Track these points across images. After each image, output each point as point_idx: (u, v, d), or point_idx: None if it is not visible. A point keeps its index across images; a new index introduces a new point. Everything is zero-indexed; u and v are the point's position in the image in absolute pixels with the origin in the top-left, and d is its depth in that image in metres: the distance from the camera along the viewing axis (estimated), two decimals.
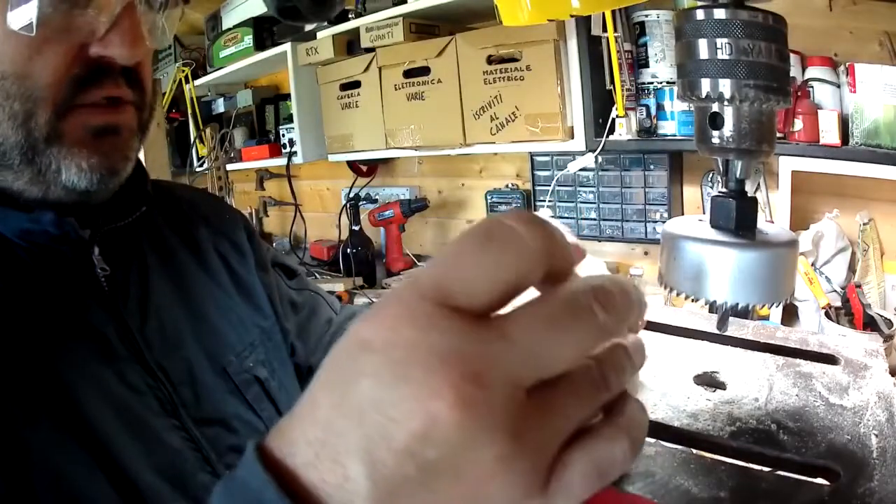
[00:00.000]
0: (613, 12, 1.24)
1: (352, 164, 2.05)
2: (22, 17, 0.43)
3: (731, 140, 0.45)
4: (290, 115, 1.93)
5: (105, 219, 0.52)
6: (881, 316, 1.06)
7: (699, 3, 0.44)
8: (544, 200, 1.65)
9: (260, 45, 1.87)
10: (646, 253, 1.61)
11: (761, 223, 0.48)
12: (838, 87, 1.14)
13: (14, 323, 0.45)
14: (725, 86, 0.43)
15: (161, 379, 0.50)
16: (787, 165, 1.21)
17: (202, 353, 0.55)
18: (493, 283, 0.22)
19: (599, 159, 1.44)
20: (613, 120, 1.29)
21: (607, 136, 1.30)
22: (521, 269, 0.22)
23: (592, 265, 0.49)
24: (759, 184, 1.25)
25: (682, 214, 1.49)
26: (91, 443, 0.44)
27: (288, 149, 1.93)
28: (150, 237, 0.58)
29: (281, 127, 2.02)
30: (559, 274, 0.24)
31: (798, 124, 1.12)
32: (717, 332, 0.52)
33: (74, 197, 0.48)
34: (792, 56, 1.03)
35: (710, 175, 1.42)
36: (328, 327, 0.75)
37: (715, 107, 0.44)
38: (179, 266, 0.59)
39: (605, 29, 1.25)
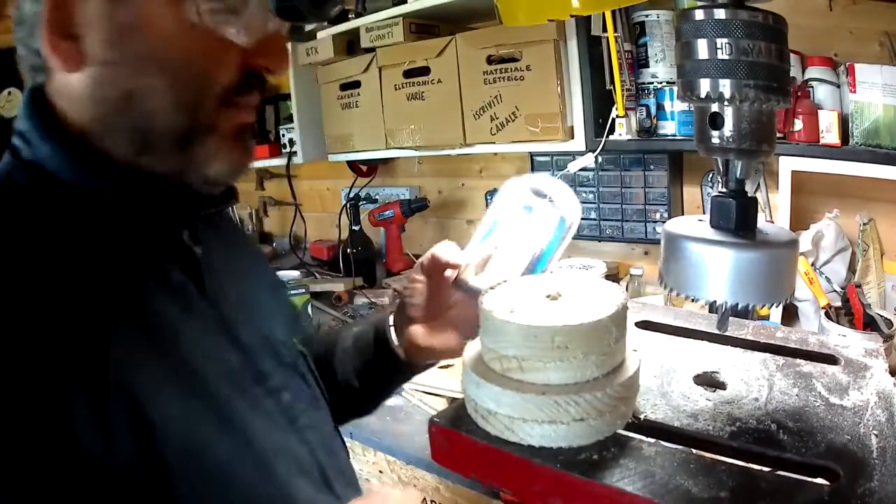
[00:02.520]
0: (613, 12, 1.24)
1: (352, 164, 2.05)
2: (201, 10, 0.46)
3: (731, 140, 0.45)
4: (290, 115, 1.93)
5: (205, 204, 0.56)
6: (881, 316, 1.06)
7: (699, 3, 0.44)
8: None
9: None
10: (646, 253, 1.61)
11: (761, 223, 0.48)
12: (838, 87, 1.14)
13: (128, 294, 0.48)
14: (725, 86, 0.43)
15: (248, 352, 0.55)
16: (787, 165, 1.21)
17: (268, 328, 0.60)
18: None
19: (599, 159, 1.44)
20: (613, 120, 1.29)
21: (607, 136, 1.30)
22: None
23: (591, 267, 0.50)
24: (759, 184, 1.25)
25: (682, 214, 1.49)
26: (214, 406, 0.48)
27: (288, 149, 1.93)
28: (222, 223, 0.64)
29: (281, 127, 2.02)
30: None
31: (798, 124, 1.12)
32: (717, 332, 0.52)
33: (208, 186, 0.52)
34: (792, 56, 1.03)
35: (710, 175, 1.42)
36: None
37: (715, 107, 0.44)
38: (242, 250, 0.65)
39: (605, 29, 1.25)
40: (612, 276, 1.52)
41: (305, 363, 0.65)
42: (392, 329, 0.72)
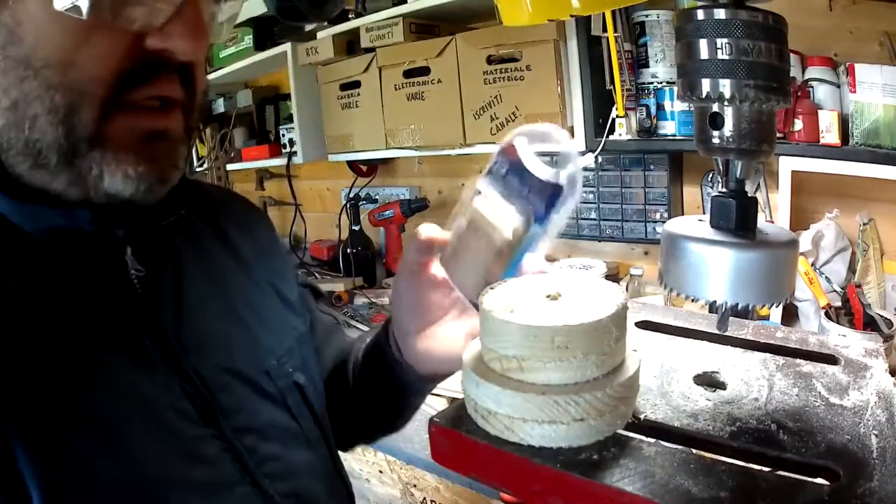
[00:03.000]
0: (613, 12, 1.24)
1: (352, 164, 2.05)
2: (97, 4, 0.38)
3: (731, 140, 0.45)
4: (290, 115, 1.93)
5: (141, 218, 0.48)
6: (881, 316, 1.06)
7: (699, 3, 0.44)
8: None
9: (260, 45, 1.87)
10: (646, 253, 1.61)
11: (761, 223, 0.48)
12: (838, 87, 1.14)
13: (40, 326, 0.42)
14: (725, 86, 0.43)
15: (198, 385, 0.47)
16: (787, 165, 1.21)
17: (241, 358, 0.52)
18: None
19: (599, 159, 1.44)
20: (613, 120, 1.29)
21: (607, 136, 1.30)
22: None
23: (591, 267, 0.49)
24: (759, 184, 1.25)
25: (682, 214, 1.49)
26: (121, 455, 0.42)
27: (288, 149, 1.93)
28: (185, 237, 0.55)
29: (281, 127, 2.02)
30: None
31: (798, 124, 1.12)
32: (717, 332, 0.52)
33: (116, 201, 0.44)
34: (792, 56, 1.03)
35: (710, 175, 1.42)
36: (338, 357, 0.71)
37: (715, 107, 0.44)
38: (216, 267, 0.56)
39: (605, 29, 1.25)
40: (612, 276, 1.52)
41: (300, 395, 0.57)
42: (392, 338, 0.61)
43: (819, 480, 0.38)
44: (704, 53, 0.43)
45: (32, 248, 0.44)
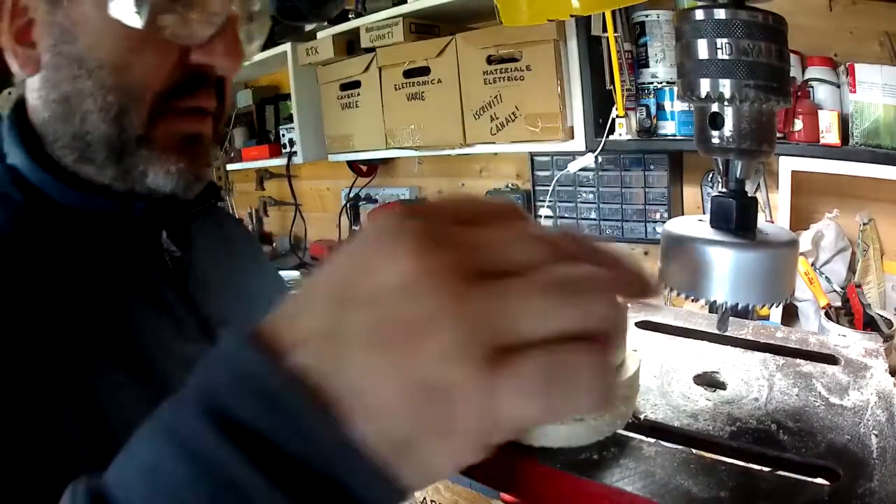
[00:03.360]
0: (613, 12, 1.24)
1: (352, 164, 2.05)
2: (128, 8, 0.43)
3: (731, 140, 0.45)
4: (290, 115, 1.93)
5: (175, 206, 0.53)
6: (881, 316, 1.06)
7: (699, 3, 0.44)
8: (544, 200, 1.65)
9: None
10: (646, 253, 1.61)
11: (761, 223, 0.48)
12: (838, 87, 1.14)
13: (90, 292, 0.46)
14: (725, 86, 0.43)
15: None
16: (787, 165, 1.21)
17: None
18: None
19: (599, 159, 1.44)
20: (613, 120, 1.29)
21: (607, 136, 1.30)
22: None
23: None
24: (759, 184, 1.25)
25: (682, 214, 1.49)
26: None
27: (288, 149, 1.93)
28: (213, 225, 0.61)
29: (281, 127, 2.02)
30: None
31: (798, 124, 1.12)
32: (717, 332, 0.52)
33: (157, 195, 0.49)
34: (792, 56, 1.03)
35: (710, 175, 1.42)
36: None
37: (715, 107, 0.44)
38: (242, 257, 0.62)
39: (605, 29, 1.25)
40: None
41: None
42: None
43: (819, 480, 0.38)
44: (704, 53, 0.43)
45: (80, 229, 0.48)
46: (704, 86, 0.44)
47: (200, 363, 0.22)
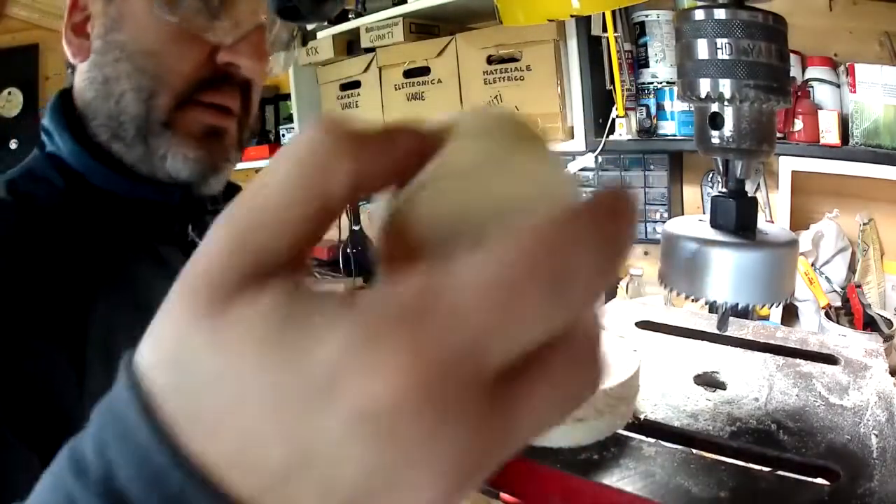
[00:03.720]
0: (613, 12, 1.24)
1: None
2: (168, 6, 0.49)
3: (731, 140, 0.45)
4: (290, 115, 1.93)
5: (199, 201, 0.57)
6: (881, 316, 1.06)
7: (699, 3, 0.44)
8: None
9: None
10: (646, 253, 1.61)
11: (761, 223, 0.48)
12: (838, 87, 1.14)
13: (126, 276, 0.49)
14: (725, 86, 0.43)
15: None
16: (787, 165, 1.21)
17: None
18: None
19: (599, 159, 1.44)
20: (613, 120, 1.29)
21: (607, 136, 1.30)
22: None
23: None
24: (759, 184, 1.25)
25: (682, 214, 1.49)
26: None
27: None
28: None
29: (281, 127, 2.02)
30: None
31: (798, 124, 1.12)
32: (717, 332, 0.52)
33: (174, 182, 0.52)
34: (792, 56, 1.03)
35: (710, 175, 1.42)
36: None
37: (715, 107, 0.44)
38: None
39: (605, 29, 1.25)
40: None
41: None
42: None
43: (819, 480, 0.38)
44: (704, 53, 0.43)
45: (119, 211, 0.52)
46: (704, 86, 0.44)
47: (101, 410, 0.16)
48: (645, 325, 0.65)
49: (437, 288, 0.14)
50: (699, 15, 0.43)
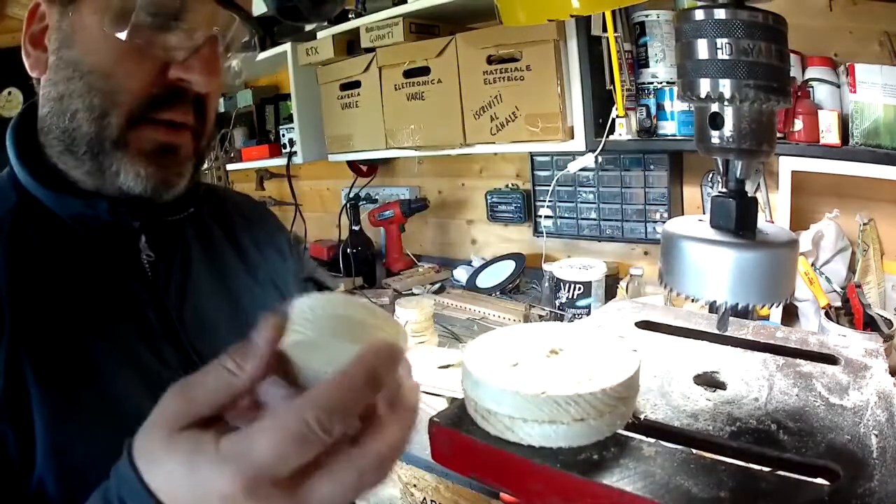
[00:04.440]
0: (613, 12, 1.24)
1: (352, 164, 2.05)
2: (118, 21, 0.48)
3: (731, 140, 0.45)
4: (290, 115, 1.93)
5: (156, 212, 0.57)
6: (881, 316, 1.06)
7: (699, 3, 0.44)
8: (544, 200, 1.65)
9: (260, 45, 1.87)
10: (646, 253, 1.61)
11: (761, 223, 0.48)
12: (838, 87, 1.14)
13: (59, 295, 0.49)
14: (725, 86, 0.43)
15: (193, 359, 0.54)
16: (787, 165, 1.21)
17: (237, 339, 0.58)
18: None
19: (599, 159, 1.44)
20: (613, 120, 1.29)
21: (607, 136, 1.30)
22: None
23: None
24: (759, 184, 1.25)
25: (682, 214, 1.49)
26: (119, 414, 0.47)
27: (288, 149, 1.93)
28: (196, 232, 0.64)
29: (281, 127, 2.02)
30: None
31: (798, 124, 1.12)
32: (717, 332, 0.52)
33: (126, 196, 0.53)
34: (792, 56, 1.03)
35: (710, 175, 1.42)
36: None
37: (715, 107, 0.44)
38: (221, 259, 0.64)
39: (605, 29, 1.25)
40: (613, 275, 1.52)
41: None
42: None
43: (819, 480, 0.38)
44: (704, 53, 0.43)
45: (62, 229, 0.53)
46: (704, 86, 0.44)
47: None
48: (645, 325, 0.65)
49: (255, 434, 0.30)
50: (699, 15, 0.43)
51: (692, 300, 0.47)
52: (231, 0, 0.51)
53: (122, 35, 0.48)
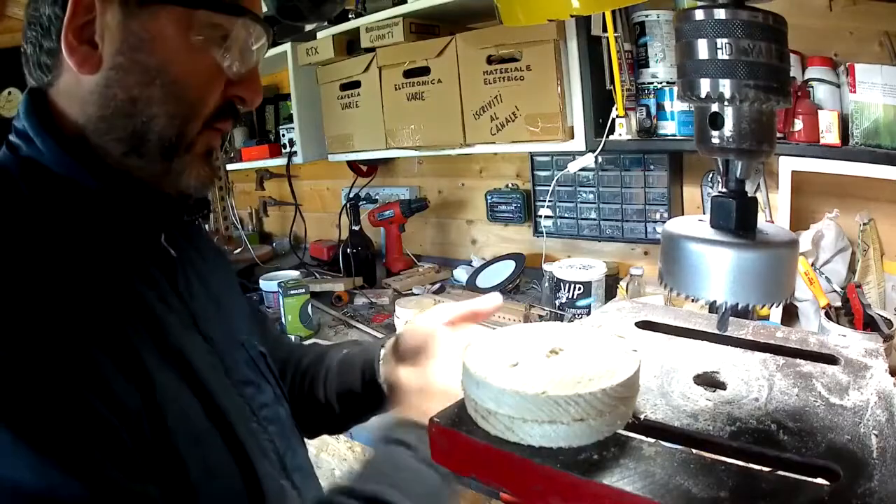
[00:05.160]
0: (613, 12, 1.24)
1: (352, 164, 2.05)
2: (206, 38, 0.53)
3: (731, 140, 0.45)
4: (290, 115, 1.93)
5: (173, 212, 0.60)
6: (881, 316, 1.06)
7: (699, 3, 0.44)
8: (544, 200, 1.65)
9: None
10: (646, 253, 1.61)
11: (761, 223, 0.48)
12: (838, 87, 1.14)
13: (107, 270, 0.51)
14: (725, 86, 0.43)
15: (216, 347, 0.58)
16: (787, 165, 1.21)
17: (228, 329, 0.63)
18: None
19: (599, 159, 1.44)
20: (613, 120, 1.29)
21: (607, 136, 1.31)
22: None
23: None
24: (759, 184, 1.25)
25: (682, 214, 1.49)
26: (200, 391, 0.52)
27: (288, 149, 1.93)
28: (196, 231, 0.70)
29: (281, 127, 2.02)
30: None
31: (798, 124, 1.12)
32: (717, 332, 0.52)
33: (182, 196, 0.57)
34: (792, 56, 1.03)
35: (710, 175, 1.42)
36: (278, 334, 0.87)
37: (715, 107, 0.44)
38: (209, 261, 0.68)
39: (605, 29, 1.25)
40: (613, 276, 1.52)
41: (265, 362, 0.68)
42: (381, 364, 0.70)
43: (819, 480, 0.38)
44: (704, 53, 0.43)
45: (110, 218, 0.54)
46: (704, 86, 0.43)
47: None
48: (645, 325, 0.65)
49: None
50: (699, 15, 0.43)
51: (692, 300, 0.47)
52: (271, 18, 0.56)
53: (217, 56, 0.53)
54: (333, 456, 1.32)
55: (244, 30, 0.55)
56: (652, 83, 1.31)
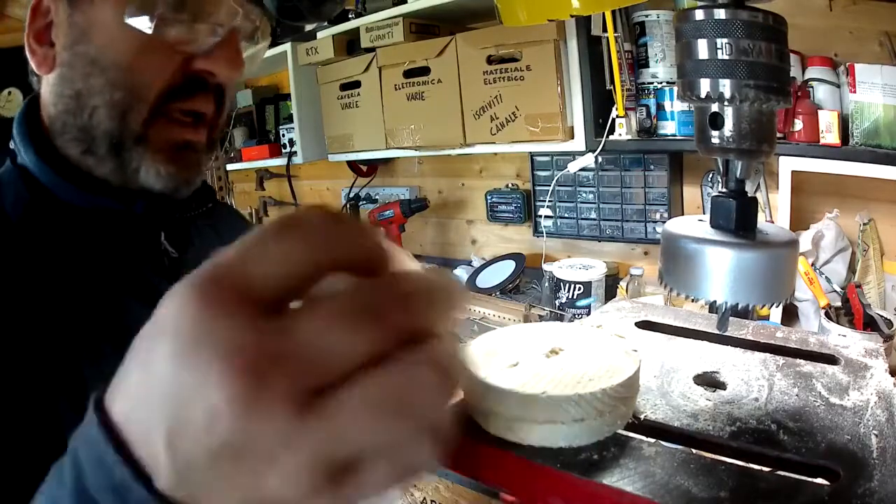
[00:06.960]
0: (613, 12, 1.24)
1: (352, 164, 2.05)
2: (140, 16, 0.47)
3: (731, 140, 0.45)
4: (290, 115, 1.93)
5: (173, 208, 0.57)
6: (881, 316, 1.06)
7: (699, 3, 0.44)
8: (544, 200, 1.65)
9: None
10: (646, 253, 1.61)
11: (761, 223, 0.48)
12: (838, 87, 1.14)
13: (92, 285, 0.49)
14: (725, 86, 0.43)
15: None
16: (787, 165, 1.21)
17: None
18: (284, 271, 0.21)
19: (599, 159, 1.44)
20: (613, 120, 1.29)
21: (607, 136, 1.31)
22: (312, 258, 0.21)
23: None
24: (759, 184, 1.25)
25: (682, 214, 1.49)
26: None
27: (288, 149, 1.93)
28: (209, 225, 0.66)
29: (281, 127, 2.02)
30: (368, 268, 0.22)
31: (798, 124, 1.12)
32: (717, 332, 0.52)
33: (147, 194, 0.53)
34: (792, 56, 1.03)
35: (710, 175, 1.42)
36: None
37: (715, 107, 0.44)
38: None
39: (605, 29, 1.25)
40: (613, 276, 1.52)
41: None
42: None
43: (819, 480, 0.38)
44: (704, 53, 0.43)
45: (85, 227, 0.51)
46: (704, 86, 0.44)
47: (77, 440, 0.24)
48: (645, 325, 0.65)
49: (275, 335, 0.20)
50: (699, 15, 0.43)
51: (692, 300, 0.47)
52: (271, 18, 0.53)
53: (149, 29, 0.47)
54: None
55: None
56: (652, 83, 1.31)
